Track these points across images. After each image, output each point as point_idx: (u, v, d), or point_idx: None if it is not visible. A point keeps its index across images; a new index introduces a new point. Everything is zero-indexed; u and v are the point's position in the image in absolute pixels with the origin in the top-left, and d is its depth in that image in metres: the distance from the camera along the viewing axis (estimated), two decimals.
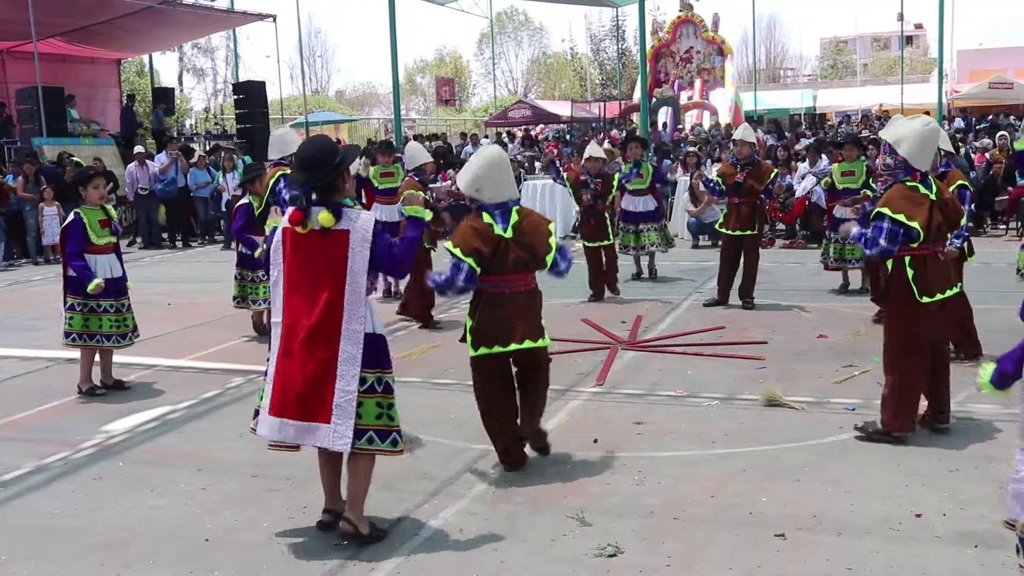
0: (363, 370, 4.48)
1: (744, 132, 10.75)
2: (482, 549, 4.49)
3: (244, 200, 9.20)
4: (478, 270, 5.20)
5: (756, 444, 5.91)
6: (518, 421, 5.55)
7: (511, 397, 5.55)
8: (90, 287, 7.26)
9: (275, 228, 4.86)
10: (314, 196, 4.52)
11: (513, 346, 5.28)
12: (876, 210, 5.74)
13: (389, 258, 4.53)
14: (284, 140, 8.97)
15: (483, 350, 5.33)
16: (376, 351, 4.55)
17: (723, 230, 10.45)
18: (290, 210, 4.57)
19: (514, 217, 5.34)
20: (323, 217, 4.43)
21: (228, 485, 5.43)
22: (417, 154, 10.31)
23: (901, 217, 5.61)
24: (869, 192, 9.04)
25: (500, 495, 5.18)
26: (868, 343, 8.39)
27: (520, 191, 5.68)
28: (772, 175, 10.33)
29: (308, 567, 4.41)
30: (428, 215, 4.81)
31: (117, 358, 7.99)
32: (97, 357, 7.68)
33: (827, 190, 11.21)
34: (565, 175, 11.48)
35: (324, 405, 4.43)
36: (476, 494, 5.21)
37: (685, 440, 6.04)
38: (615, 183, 11.44)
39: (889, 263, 5.82)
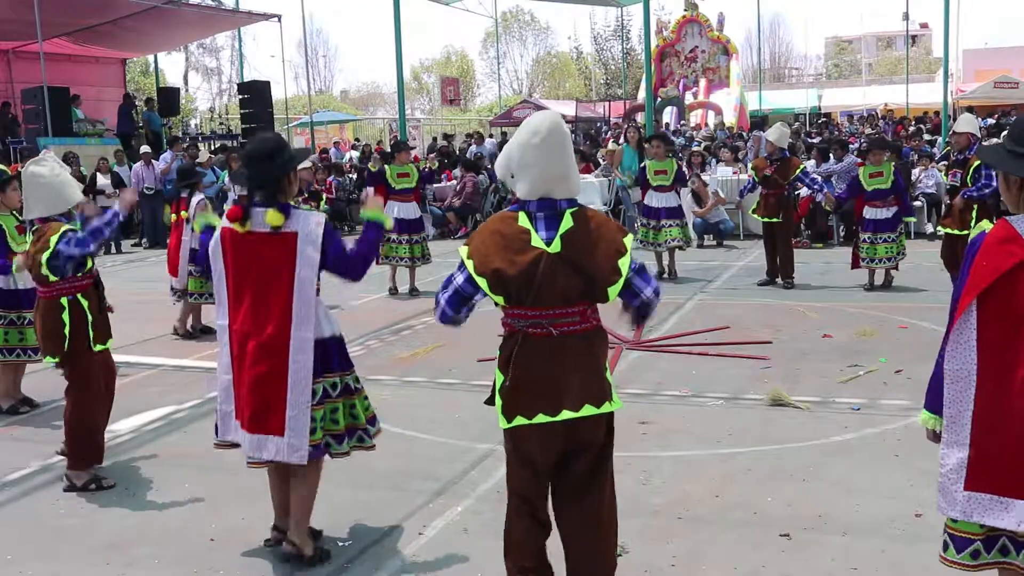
0: (326, 376, 4.32)
1: (774, 132, 11.88)
2: (487, 549, 4.49)
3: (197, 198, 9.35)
4: (496, 299, 3.53)
5: (761, 444, 5.90)
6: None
7: (544, 499, 3.75)
8: None
9: (209, 227, 4.62)
10: (258, 196, 4.29)
11: (565, 413, 3.48)
12: None
13: (344, 259, 4.25)
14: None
15: (520, 420, 3.53)
16: (338, 353, 4.40)
17: (754, 216, 12.05)
18: (231, 207, 4.33)
19: (566, 223, 3.51)
20: (271, 216, 4.18)
21: (233, 485, 5.43)
22: None
23: None
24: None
25: (505, 495, 5.17)
26: (873, 343, 8.38)
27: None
28: (799, 170, 11.57)
29: (313, 567, 4.41)
30: (389, 222, 4.46)
31: (120, 357, 7.96)
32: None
33: (855, 191, 11.27)
34: None
35: (277, 417, 4.24)
36: (481, 493, 5.21)
37: (690, 440, 6.04)
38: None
39: None
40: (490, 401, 3.66)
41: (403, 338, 9.42)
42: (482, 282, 3.50)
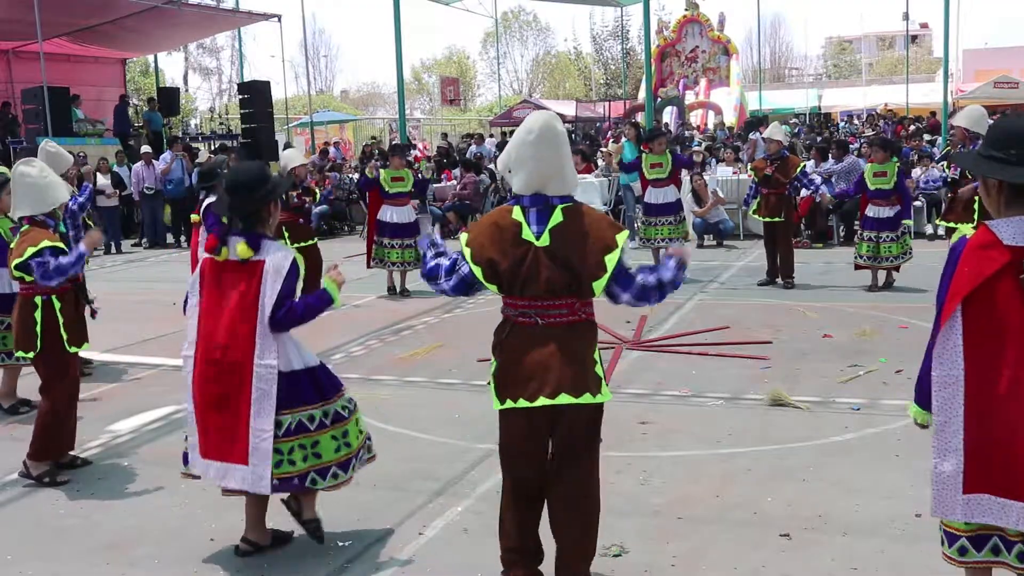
0: (297, 409, 4.28)
1: (773, 130, 11.84)
2: (487, 548, 4.48)
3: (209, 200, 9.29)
4: (490, 287, 3.78)
5: (761, 444, 5.90)
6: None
7: (536, 483, 3.91)
8: None
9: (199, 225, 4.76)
10: (238, 225, 4.33)
11: (541, 400, 3.66)
12: None
13: (284, 304, 4.22)
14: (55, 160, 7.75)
15: (508, 403, 3.75)
16: (314, 385, 4.36)
17: (755, 217, 11.91)
18: (208, 236, 4.37)
19: (556, 218, 3.69)
20: (240, 249, 4.23)
21: None
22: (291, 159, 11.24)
23: None
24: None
25: None
26: (873, 343, 8.38)
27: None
28: (799, 168, 11.45)
29: (312, 567, 4.42)
30: (338, 302, 4.38)
31: (120, 357, 7.98)
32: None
33: (861, 188, 11.28)
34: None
35: (240, 446, 4.25)
36: (481, 493, 5.21)
37: (690, 440, 6.04)
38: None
39: None
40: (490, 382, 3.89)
41: (403, 338, 9.42)
42: (477, 271, 3.75)
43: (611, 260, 3.64)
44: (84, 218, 8.50)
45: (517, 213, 3.73)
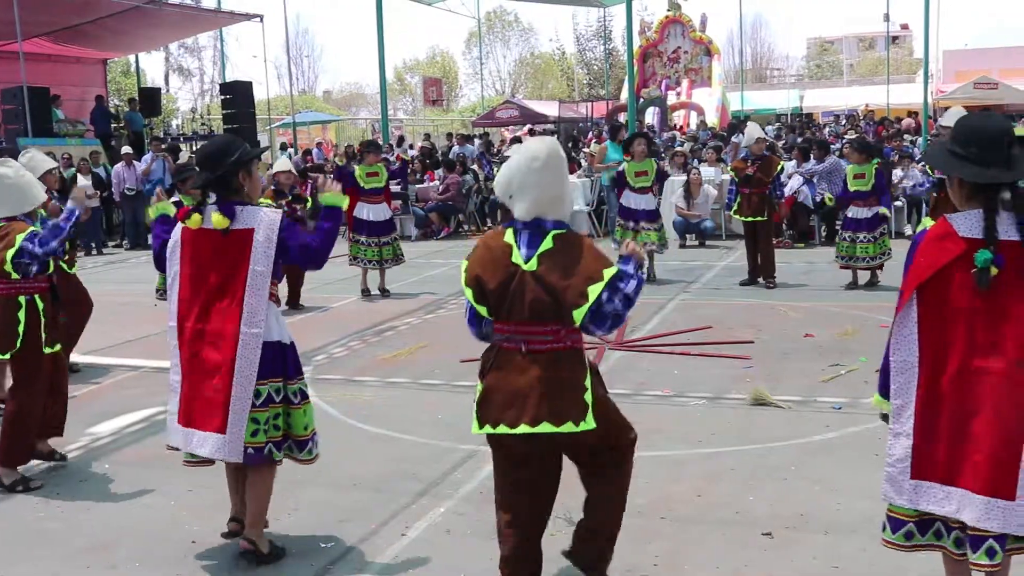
0: (272, 380, 4.31)
1: (755, 131, 11.92)
2: (469, 549, 4.49)
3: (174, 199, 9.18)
4: (480, 309, 3.74)
5: (743, 443, 5.92)
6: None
7: (534, 506, 3.89)
8: None
9: (162, 215, 4.71)
10: (212, 195, 4.35)
11: (523, 428, 3.61)
12: None
13: (303, 250, 4.30)
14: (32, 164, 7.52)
15: (486, 428, 3.72)
16: (283, 360, 4.38)
17: (736, 216, 11.93)
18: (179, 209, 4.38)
19: (547, 243, 3.64)
20: (215, 219, 4.24)
21: (214, 487, 5.39)
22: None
23: None
24: None
25: (488, 495, 5.13)
26: (855, 342, 8.43)
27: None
28: (779, 168, 11.64)
29: (295, 569, 4.41)
30: (345, 202, 4.54)
31: (102, 359, 7.93)
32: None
33: (841, 191, 11.40)
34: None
35: (219, 414, 4.25)
36: (464, 494, 5.21)
37: (672, 440, 6.05)
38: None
39: None
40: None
41: (385, 339, 9.41)
42: (468, 293, 3.74)
43: (594, 291, 3.54)
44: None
45: (509, 236, 3.70)
